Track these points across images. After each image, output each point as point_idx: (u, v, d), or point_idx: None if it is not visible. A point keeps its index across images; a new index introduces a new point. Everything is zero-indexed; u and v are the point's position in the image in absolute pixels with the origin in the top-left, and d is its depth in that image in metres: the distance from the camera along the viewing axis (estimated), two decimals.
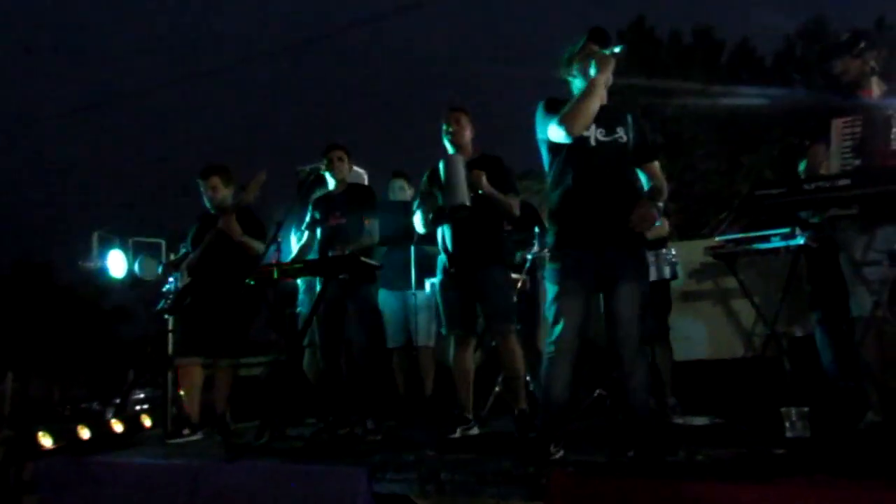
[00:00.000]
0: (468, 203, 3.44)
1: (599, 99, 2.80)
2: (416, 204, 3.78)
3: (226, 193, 4.40)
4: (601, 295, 2.84)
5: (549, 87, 3.29)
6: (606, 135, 2.85)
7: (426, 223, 3.69)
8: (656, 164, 2.95)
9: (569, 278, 2.80)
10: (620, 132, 2.87)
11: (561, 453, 2.77)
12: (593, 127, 2.83)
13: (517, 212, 3.66)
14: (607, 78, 2.82)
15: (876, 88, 3.07)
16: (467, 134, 3.74)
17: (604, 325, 2.83)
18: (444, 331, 3.78)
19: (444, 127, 3.73)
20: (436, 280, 3.79)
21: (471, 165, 3.55)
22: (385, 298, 4.82)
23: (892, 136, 2.83)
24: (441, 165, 3.54)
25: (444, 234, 3.69)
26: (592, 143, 2.84)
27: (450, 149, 3.74)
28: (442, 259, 3.72)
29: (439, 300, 3.74)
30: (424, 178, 3.80)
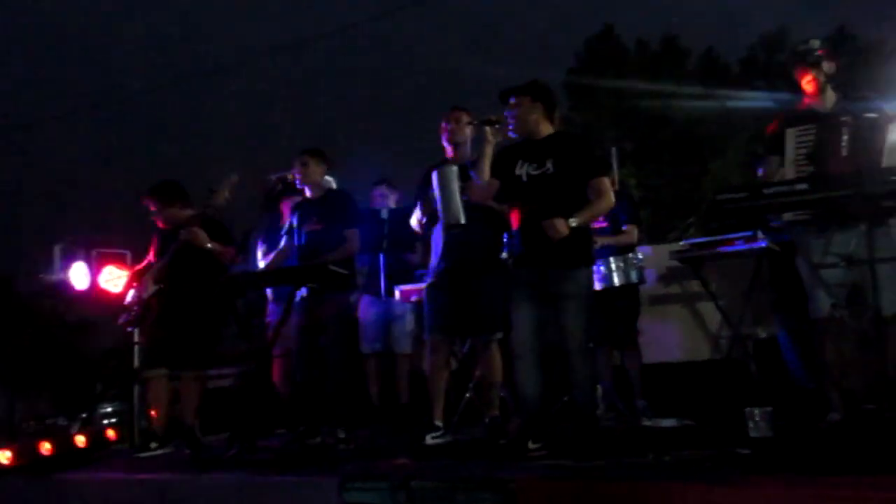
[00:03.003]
0: (463, 220, 3.45)
1: (481, 168, 3.25)
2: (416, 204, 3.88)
3: (169, 212, 4.30)
4: None
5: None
6: (537, 169, 3.21)
7: (422, 224, 3.80)
8: (598, 180, 3.19)
9: (518, 289, 3.22)
10: (549, 164, 3.19)
11: (541, 450, 2.98)
12: (526, 164, 3.23)
13: None
14: (491, 139, 3.25)
15: (830, 96, 3.15)
16: (466, 132, 3.73)
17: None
18: (426, 335, 3.77)
19: (444, 125, 3.75)
20: (426, 283, 3.78)
21: (465, 170, 3.52)
22: (366, 304, 4.78)
23: (843, 144, 2.91)
24: (434, 176, 3.52)
25: (438, 240, 3.69)
26: (525, 178, 3.23)
27: (447, 148, 3.76)
28: (434, 263, 3.72)
29: (426, 303, 3.73)
30: (422, 180, 3.81)
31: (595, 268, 3.60)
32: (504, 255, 4.18)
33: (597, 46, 22.77)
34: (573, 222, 3.04)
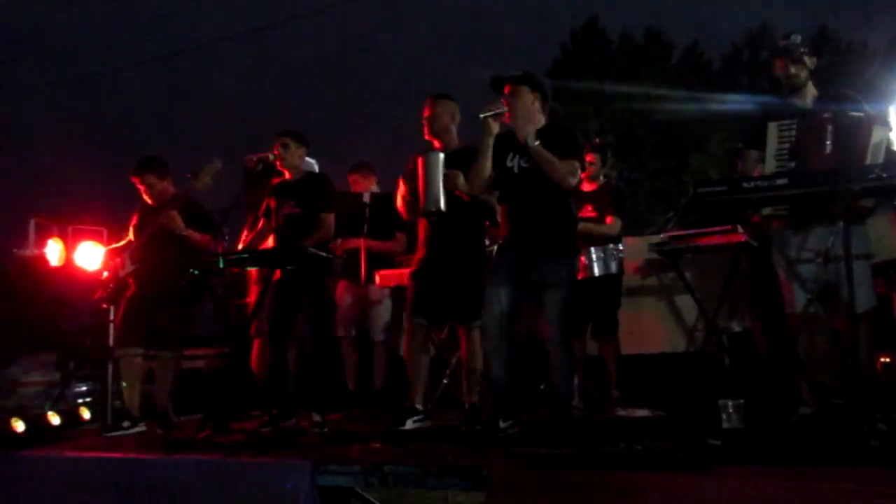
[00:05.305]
0: (442, 208, 3.38)
1: (485, 160, 3.26)
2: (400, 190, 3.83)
3: (163, 186, 4.26)
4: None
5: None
6: (528, 161, 3.23)
7: (409, 211, 3.77)
8: (568, 161, 3.17)
9: (497, 272, 3.26)
10: None
11: (512, 428, 3.05)
12: (516, 157, 3.27)
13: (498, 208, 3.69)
14: (495, 131, 3.22)
15: (811, 91, 3.16)
16: (444, 121, 3.67)
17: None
18: (405, 315, 3.76)
19: (424, 114, 3.69)
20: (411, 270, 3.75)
21: (450, 159, 3.48)
22: (344, 289, 4.74)
23: (827, 140, 2.91)
24: (419, 162, 3.46)
25: (421, 227, 3.68)
26: (516, 171, 3.28)
27: (429, 137, 3.69)
28: (419, 251, 3.70)
29: (410, 286, 3.71)
30: (408, 167, 3.77)
31: None
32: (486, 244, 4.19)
33: (582, 39, 22.79)
34: (536, 142, 3.12)
